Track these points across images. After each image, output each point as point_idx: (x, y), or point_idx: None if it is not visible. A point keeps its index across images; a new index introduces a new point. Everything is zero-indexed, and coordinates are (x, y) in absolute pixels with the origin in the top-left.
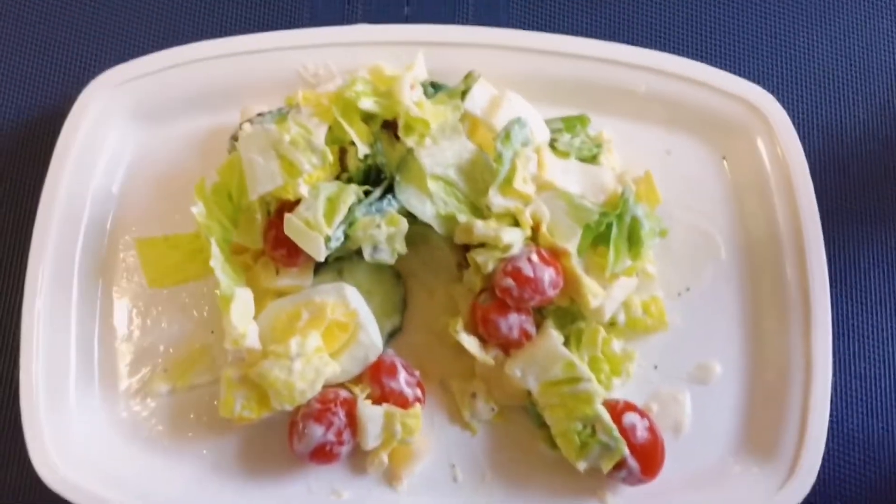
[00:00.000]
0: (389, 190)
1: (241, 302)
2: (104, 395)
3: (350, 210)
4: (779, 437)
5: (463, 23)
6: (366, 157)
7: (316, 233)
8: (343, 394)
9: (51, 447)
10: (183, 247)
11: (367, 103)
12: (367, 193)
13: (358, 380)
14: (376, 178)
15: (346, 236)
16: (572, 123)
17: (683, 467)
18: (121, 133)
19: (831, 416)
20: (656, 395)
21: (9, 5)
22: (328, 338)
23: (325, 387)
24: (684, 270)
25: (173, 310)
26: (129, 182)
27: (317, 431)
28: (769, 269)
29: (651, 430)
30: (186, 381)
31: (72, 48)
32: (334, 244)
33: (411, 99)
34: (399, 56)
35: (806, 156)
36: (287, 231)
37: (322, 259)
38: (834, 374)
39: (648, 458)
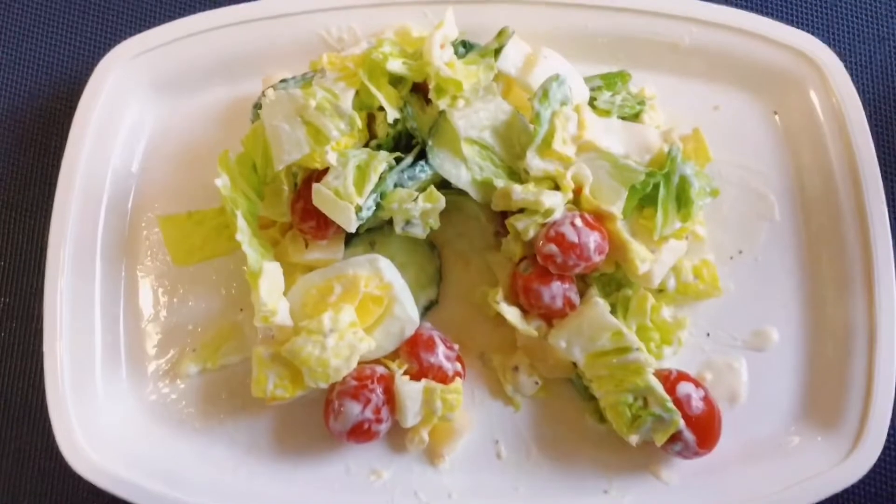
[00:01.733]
0: (422, 156)
1: (270, 277)
2: (131, 377)
3: (381, 178)
4: (842, 405)
5: None
6: (395, 122)
7: (346, 202)
8: (380, 370)
9: (77, 432)
10: (208, 222)
11: (396, 65)
12: (398, 161)
13: (395, 355)
14: (407, 145)
15: (379, 206)
16: (612, 80)
17: (741, 439)
18: (139, 106)
19: None
20: (710, 364)
21: None
22: (362, 312)
23: (361, 363)
24: (736, 232)
25: (200, 288)
26: (149, 157)
27: (354, 409)
28: (827, 229)
29: (706, 400)
30: (216, 360)
31: (87, 20)
32: (366, 213)
33: (442, 59)
34: (426, 16)
35: (864, 106)
36: (316, 202)
37: (353, 230)
38: None
39: (705, 429)
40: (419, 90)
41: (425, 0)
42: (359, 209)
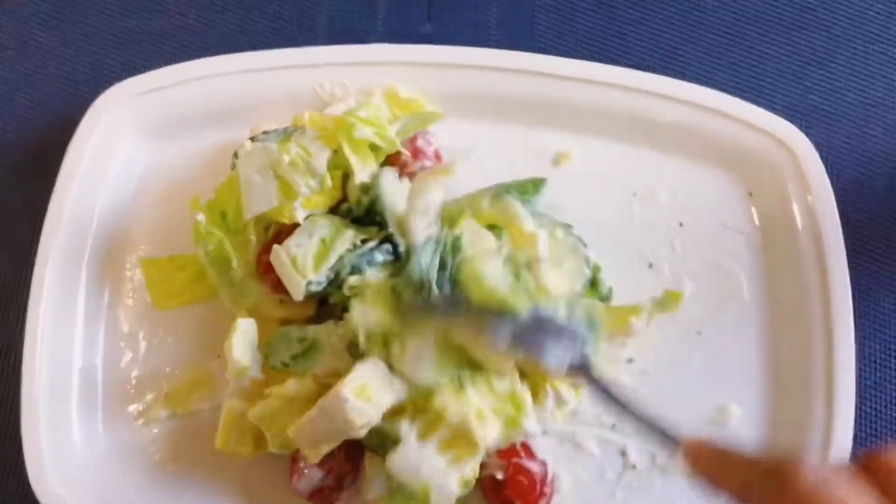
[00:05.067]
0: (386, 240)
1: (243, 332)
2: (107, 418)
3: (341, 257)
4: None
5: (486, 43)
6: (367, 189)
7: (299, 276)
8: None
9: (50, 470)
10: (189, 267)
11: (365, 132)
12: (364, 241)
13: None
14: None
15: (331, 283)
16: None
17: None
18: (130, 148)
19: (852, 460)
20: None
21: (18, 17)
22: None
23: None
24: (705, 308)
25: (180, 332)
26: (138, 199)
27: (316, 474)
28: (793, 310)
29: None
30: (186, 406)
31: (81, 61)
32: (315, 288)
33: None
34: (417, 76)
35: (836, 194)
36: (272, 261)
37: (299, 299)
38: (856, 421)
39: None
40: (397, 164)
41: (417, 62)
42: (309, 284)
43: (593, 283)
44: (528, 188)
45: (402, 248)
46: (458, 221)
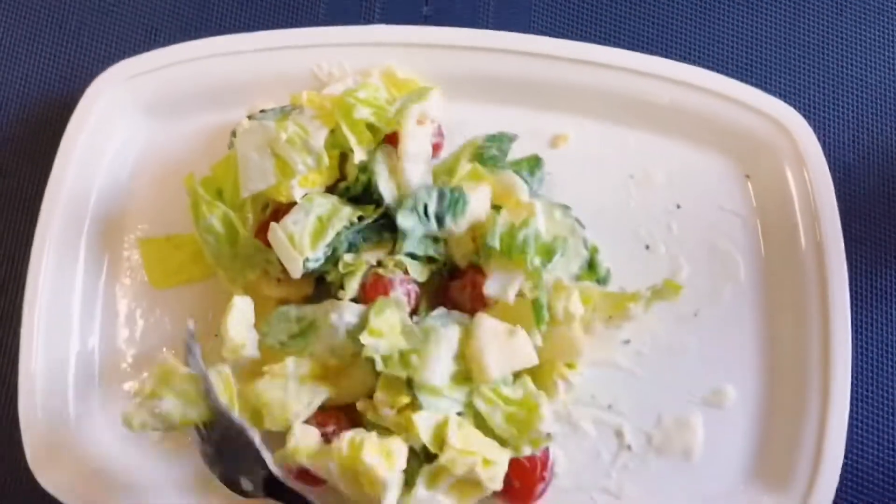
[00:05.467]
0: (383, 217)
1: (239, 311)
2: (104, 396)
3: (337, 235)
4: (792, 466)
5: (483, 25)
6: (364, 169)
7: (297, 253)
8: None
9: (49, 451)
10: (186, 247)
11: (364, 112)
12: (361, 218)
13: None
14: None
15: (328, 261)
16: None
17: (693, 492)
18: (128, 129)
19: (847, 445)
20: (663, 418)
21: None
22: None
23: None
24: (701, 290)
25: (177, 311)
26: (135, 179)
27: None
28: (789, 292)
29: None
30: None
31: (80, 41)
32: (313, 265)
33: (417, 139)
34: (415, 58)
35: (833, 177)
36: (270, 239)
37: (297, 276)
38: (852, 405)
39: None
40: (393, 142)
41: (415, 43)
42: (306, 261)
43: (591, 265)
44: (523, 165)
45: (400, 223)
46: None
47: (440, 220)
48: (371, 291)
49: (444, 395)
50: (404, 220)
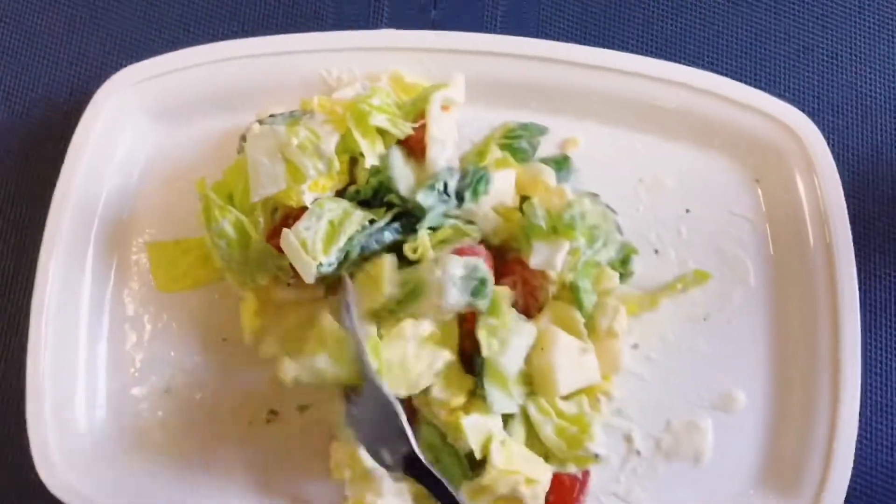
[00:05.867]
0: (395, 219)
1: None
2: (111, 400)
3: (350, 239)
4: (801, 470)
5: (491, 29)
6: (376, 172)
7: (309, 258)
8: None
9: (55, 453)
10: (194, 251)
11: (380, 119)
12: (372, 222)
13: None
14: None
15: (341, 266)
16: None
17: (702, 496)
18: (137, 133)
19: (857, 450)
20: (673, 422)
21: (24, 3)
22: None
23: None
24: (711, 294)
25: (184, 315)
26: (143, 183)
27: None
28: (799, 299)
29: None
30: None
31: (88, 46)
32: (326, 269)
33: (441, 124)
34: (424, 62)
35: (842, 182)
36: (282, 245)
37: (311, 282)
38: (861, 409)
39: None
40: (407, 144)
41: (423, 48)
42: (319, 266)
43: (624, 262)
44: (551, 162)
45: (420, 201)
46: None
47: (460, 198)
48: None
49: (509, 390)
50: (425, 199)
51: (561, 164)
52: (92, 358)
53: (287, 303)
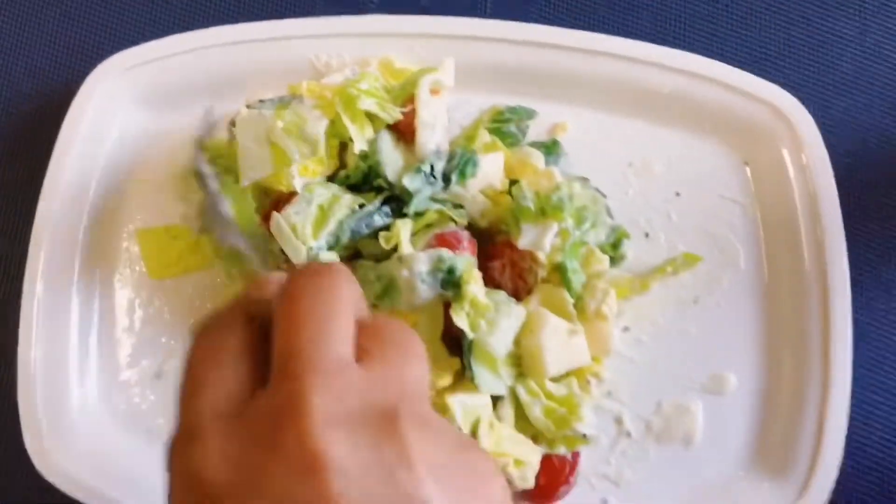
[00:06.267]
0: (385, 203)
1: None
2: (103, 385)
3: (340, 223)
4: (792, 452)
5: (482, 15)
6: (365, 156)
7: (300, 242)
8: None
9: (48, 440)
10: (184, 237)
11: (369, 104)
12: (362, 206)
13: None
14: (377, 180)
15: (333, 247)
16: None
17: (693, 478)
18: (126, 120)
19: (847, 433)
20: (663, 403)
21: None
22: None
23: None
24: (701, 277)
25: (176, 301)
26: (133, 170)
27: None
28: (789, 279)
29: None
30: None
31: (78, 31)
32: (315, 253)
33: (430, 108)
34: (414, 47)
35: (832, 163)
36: (272, 230)
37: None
38: (852, 390)
39: None
40: (396, 128)
41: (414, 33)
42: (310, 250)
43: (615, 245)
44: (540, 146)
45: (407, 184)
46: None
47: (446, 180)
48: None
49: (498, 371)
50: (410, 182)
51: (550, 148)
52: (83, 344)
53: None
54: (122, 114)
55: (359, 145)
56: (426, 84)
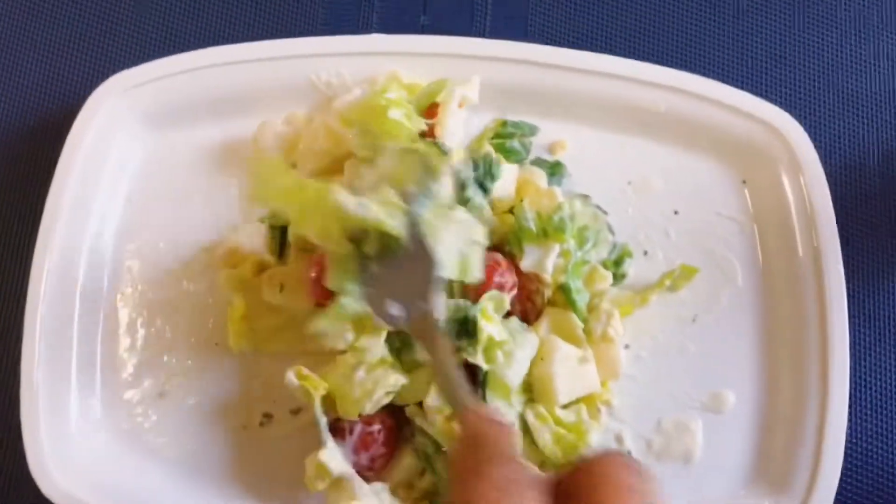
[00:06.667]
0: None
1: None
2: (105, 405)
3: None
4: (791, 469)
5: (481, 33)
6: None
7: None
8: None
9: (50, 459)
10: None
11: (396, 114)
12: None
13: None
14: None
15: None
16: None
17: (693, 496)
18: (129, 140)
19: (846, 447)
20: (663, 422)
21: (14, 7)
22: None
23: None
24: (700, 294)
25: (178, 320)
26: (136, 189)
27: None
28: (787, 296)
29: None
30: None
31: (79, 52)
32: None
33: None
34: (414, 67)
35: (829, 182)
36: None
37: None
38: (850, 406)
39: None
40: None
41: (416, 52)
42: None
43: (617, 262)
44: (544, 165)
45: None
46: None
47: (483, 188)
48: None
49: (510, 400)
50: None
51: (554, 169)
52: (85, 363)
53: (272, 305)
54: (123, 134)
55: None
56: (457, 96)
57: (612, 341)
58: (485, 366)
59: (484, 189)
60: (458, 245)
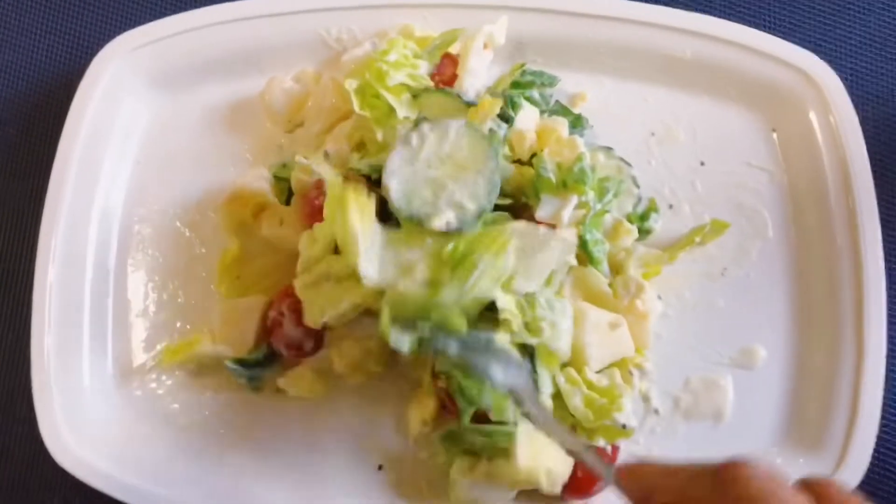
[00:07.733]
0: None
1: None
2: (117, 371)
3: None
4: (826, 426)
5: None
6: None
7: None
8: None
9: (62, 425)
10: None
11: (398, 77)
12: None
13: None
14: None
15: None
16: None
17: (723, 457)
18: (136, 101)
19: (883, 405)
20: (692, 380)
21: None
22: None
23: None
24: (728, 248)
25: (190, 284)
26: (144, 152)
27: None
28: (819, 250)
29: None
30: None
31: (84, 12)
32: None
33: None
34: (426, 19)
35: (861, 127)
36: None
37: None
38: (886, 360)
39: None
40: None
41: (426, 3)
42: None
43: (643, 216)
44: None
45: None
46: None
47: (506, 119)
48: None
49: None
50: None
51: (575, 123)
52: (97, 329)
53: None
54: (131, 95)
55: (401, 113)
56: (483, 34)
57: (644, 317)
58: (531, 340)
59: (505, 119)
60: None
